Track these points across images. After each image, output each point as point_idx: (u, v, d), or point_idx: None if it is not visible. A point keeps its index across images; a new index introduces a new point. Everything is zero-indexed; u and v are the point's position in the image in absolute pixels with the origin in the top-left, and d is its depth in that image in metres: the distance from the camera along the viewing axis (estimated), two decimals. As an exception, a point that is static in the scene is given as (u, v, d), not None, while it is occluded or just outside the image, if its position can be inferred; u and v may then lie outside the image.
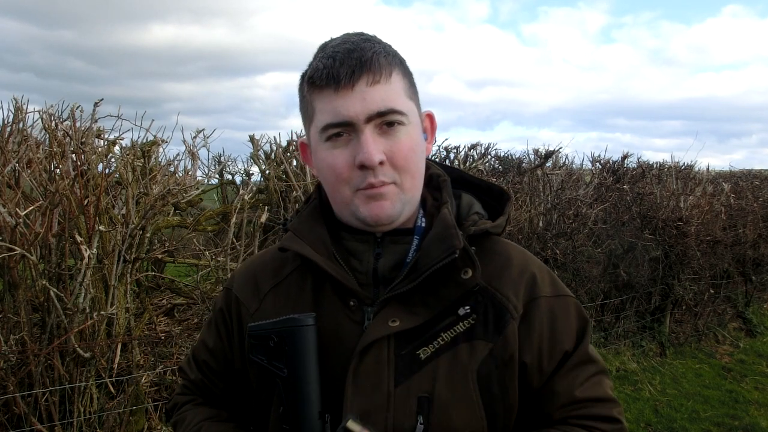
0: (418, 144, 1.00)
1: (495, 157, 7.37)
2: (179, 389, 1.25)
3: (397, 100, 0.96)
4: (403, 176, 0.97)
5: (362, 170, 0.95)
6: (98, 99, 3.63)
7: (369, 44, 0.97)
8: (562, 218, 5.55)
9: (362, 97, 0.93)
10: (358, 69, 0.94)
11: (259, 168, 5.87)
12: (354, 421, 0.75)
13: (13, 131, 3.62)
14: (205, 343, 1.18)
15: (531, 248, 5.19)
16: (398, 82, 0.98)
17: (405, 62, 1.03)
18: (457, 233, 0.98)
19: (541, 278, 1.05)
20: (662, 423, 4.69)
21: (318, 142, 0.99)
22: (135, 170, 3.61)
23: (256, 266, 1.15)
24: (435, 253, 0.96)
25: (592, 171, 7.07)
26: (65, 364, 3.12)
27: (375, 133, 0.95)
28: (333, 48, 0.97)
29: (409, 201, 1.00)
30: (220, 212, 5.08)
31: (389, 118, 0.95)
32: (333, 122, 0.95)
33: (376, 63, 0.95)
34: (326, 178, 1.00)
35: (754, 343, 6.98)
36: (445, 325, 0.97)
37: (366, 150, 0.93)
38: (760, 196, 8.38)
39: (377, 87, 0.94)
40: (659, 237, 6.33)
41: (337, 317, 1.00)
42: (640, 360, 5.96)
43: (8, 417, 3.01)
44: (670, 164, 7.87)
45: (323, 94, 0.96)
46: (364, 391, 0.94)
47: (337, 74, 0.94)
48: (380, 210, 0.96)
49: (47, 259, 3.29)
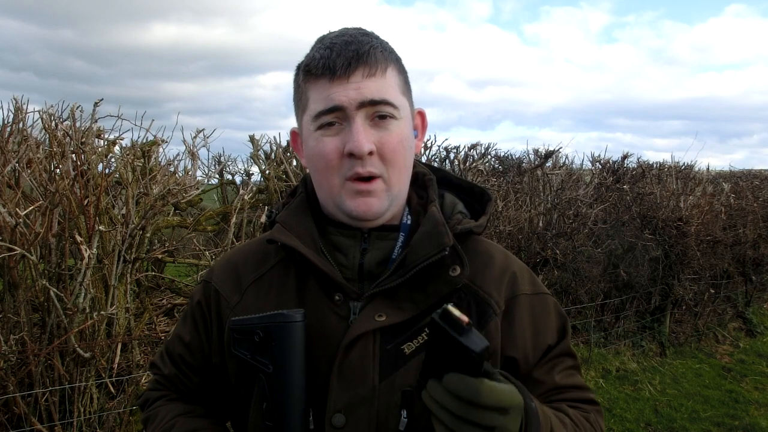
0: (407, 139, 1.01)
1: (495, 157, 7.37)
2: (151, 384, 1.21)
3: (390, 93, 0.98)
4: (391, 170, 0.98)
5: (351, 159, 0.95)
6: (98, 99, 3.64)
7: (366, 38, 0.98)
8: (562, 218, 5.55)
9: (357, 87, 0.95)
10: (354, 61, 0.95)
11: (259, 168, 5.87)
12: (454, 306, 0.74)
13: (13, 131, 3.62)
14: (181, 337, 1.15)
15: (531, 248, 5.19)
16: (393, 77, 0.99)
17: (401, 60, 1.04)
18: (447, 231, 0.99)
19: (521, 277, 1.08)
20: (662, 423, 4.69)
21: (309, 131, 0.99)
22: (135, 170, 3.61)
23: (236, 259, 1.13)
24: (425, 250, 0.97)
25: (592, 171, 7.06)
26: (65, 364, 3.12)
27: (366, 124, 0.96)
28: (331, 39, 0.98)
29: (395, 198, 1.01)
30: (220, 212, 5.08)
31: (381, 109, 0.96)
32: (325, 109, 0.96)
33: (373, 56, 0.96)
34: (315, 166, 1.00)
35: (754, 343, 6.98)
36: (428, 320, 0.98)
37: (356, 138, 0.94)
38: (760, 196, 8.38)
39: (372, 79, 0.96)
40: (659, 237, 6.33)
41: (321, 311, 0.99)
42: (640, 360, 5.96)
43: (8, 417, 3.00)
44: (670, 164, 7.87)
45: (318, 83, 0.97)
46: (350, 384, 0.95)
47: (333, 64, 0.94)
48: (367, 207, 0.97)
49: (47, 259, 3.29)
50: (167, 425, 1.09)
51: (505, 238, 5.13)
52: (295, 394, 0.95)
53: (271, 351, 0.97)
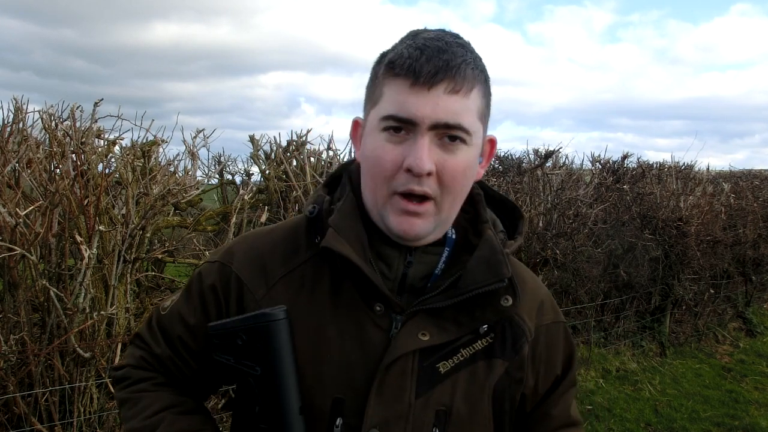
0: (471, 167, 0.96)
1: (495, 157, 7.36)
2: (134, 360, 1.08)
3: (468, 117, 0.91)
4: (445, 195, 0.93)
5: (407, 174, 0.90)
6: (98, 99, 3.64)
7: (461, 50, 0.91)
8: (562, 218, 5.54)
9: (435, 102, 0.88)
10: (441, 72, 0.88)
11: (259, 168, 5.87)
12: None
13: (13, 131, 3.62)
14: (183, 317, 1.05)
15: (531, 248, 5.18)
16: (476, 99, 0.93)
17: (489, 81, 0.97)
18: (506, 260, 0.97)
19: (549, 304, 1.10)
20: (662, 423, 4.69)
21: (374, 128, 0.94)
22: (135, 170, 3.61)
23: (262, 247, 1.05)
24: (481, 277, 0.95)
25: (592, 171, 7.06)
26: (65, 364, 3.12)
27: (434, 143, 0.90)
28: (424, 40, 0.91)
29: (442, 222, 0.97)
30: (220, 212, 5.08)
31: (454, 132, 0.90)
32: (397, 115, 0.90)
33: (462, 72, 0.90)
34: (368, 167, 0.95)
35: (754, 343, 6.98)
36: (465, 341, 0.98)
37: (418, 155, 0.88)
38: (760, 196, 8.38)
39: (454, 97, 0.89)
40: (659, 237, 6.33)
41: (359, 318, 0.96)
42: (640, 360, 5.96)
43: (8, 417, 3.00)
44: (670, 164, 7.87)
45: (397, 82, 0.91)
46: (387, 400, 0.93)
47: (420, 69, 0.88)
48: (410, 227, 0.93)
49: (47, 259, 3.29)
50: (152, 421, 1.00)
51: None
52: (289, 394, 0.93)
53: (257, 353, 0.94)
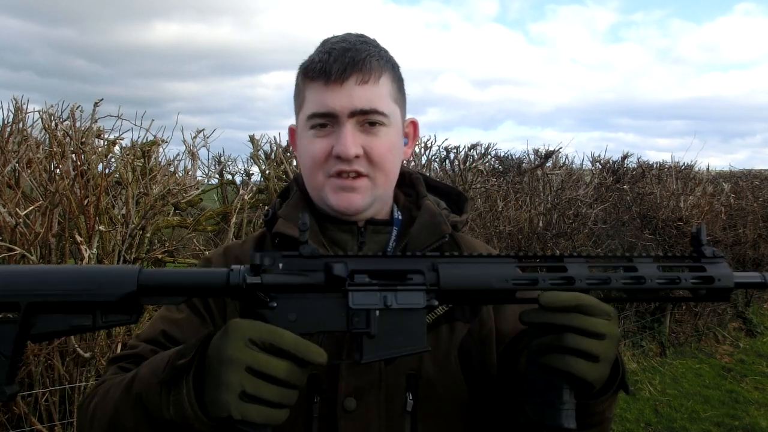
0: (395, 146, 1.08)
1: (495, 157, 7.37)
2: (113, 370, 1.03)
3: (381, 101, 1.04)
4: (378, 172, 1.05)
5: (337, 160, 1.02)
6: (99, 99, 3.64)
7: (365, 46, 1.04)
8: (562, 218, 5.54)
9: (349, 94, 1.01)
10: (349, 67, 1.01)
11: (259, 168, 5.88)
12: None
13: (13, 131, 3.62)
14: (167, 317, 1.06)
15: (531, 248, 5.19)
16: (386, 85, 1.05)
17: (398, 68, 1.11)
18: (444, 220, 1.08)
19: None
20: (662, 423, 4.69)
21: (303, 129, 1.07)
22: (135, 170, 3.61)
23: (236, 250, 1.14)
24: (425, 239, 1.06)
25: (592, 171, 7.07)
26: (65, 364, 3.12)
27: (356, 129, 1.03)
28: (331, 44, 1.05)
29: (380, 196, 1.08)
30: (220, 212, 5.08)
31: (371, 117, 1.03)
32: (318, 112, 1.03)
33: (368, 64, 1.02)
34: (304, 163, 1.08)
35: (754, 343, 6.98)
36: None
37: (343, 142, 1.01)
38: (760, 196, 8.38)
39: (365, 87, 1.02)
40: (659, 237, 6.33)
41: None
42: (640, 360, 5.96)
43: (8, 417, 3.00)
44: (670, 164, 7.87)
45: (314, 85, 1.03)
46: (357, 370, 0.99)
47: (330, 69, 1.01)
48: (348, 202, 1.04)
49: (47, 259, 3.29)
50: (131, 374, 0.92)
51: (505, 238, 5.13)
52: None
53: None
